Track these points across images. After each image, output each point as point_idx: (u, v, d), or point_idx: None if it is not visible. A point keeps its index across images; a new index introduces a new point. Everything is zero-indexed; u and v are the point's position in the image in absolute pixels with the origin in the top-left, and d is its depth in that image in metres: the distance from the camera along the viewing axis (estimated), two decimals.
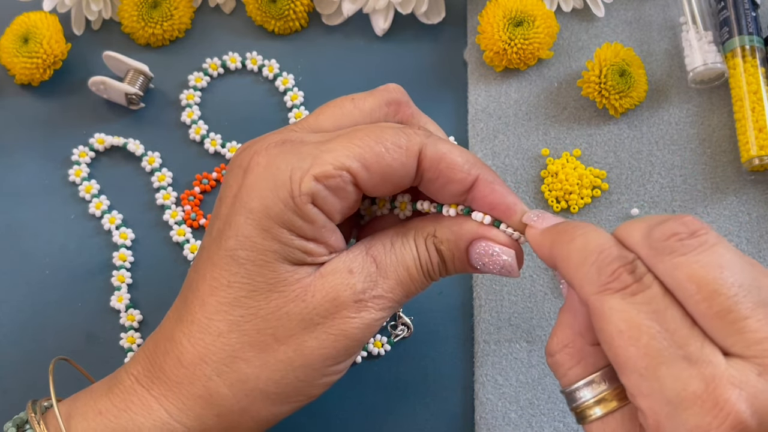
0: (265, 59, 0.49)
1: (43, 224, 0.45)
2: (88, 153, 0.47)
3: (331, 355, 0.31)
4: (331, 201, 0.30)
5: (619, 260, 0.27)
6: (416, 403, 0.41)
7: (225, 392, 0.30)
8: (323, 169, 0.30)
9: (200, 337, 0.31)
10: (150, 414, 0.30)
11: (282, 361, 0.30)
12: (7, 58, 0.47)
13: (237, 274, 0.30)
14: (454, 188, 0.31)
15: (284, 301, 0.30)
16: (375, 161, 0.30)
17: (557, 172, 0.44)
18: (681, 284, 0.26)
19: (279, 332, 0.30)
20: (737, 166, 0.44)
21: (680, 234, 0.26)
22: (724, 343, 0.25)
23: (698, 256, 0.26)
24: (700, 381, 0.24)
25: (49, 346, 0.42)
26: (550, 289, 0.42)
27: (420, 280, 0.32)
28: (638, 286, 0.26)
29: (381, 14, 0.48)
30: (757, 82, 0.43)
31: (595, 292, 0.27)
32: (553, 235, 0.30)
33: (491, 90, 0.47)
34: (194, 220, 0.45)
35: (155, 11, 0.48)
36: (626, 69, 0.44)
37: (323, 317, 0.30)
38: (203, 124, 0.47)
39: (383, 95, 0.34)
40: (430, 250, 0.32)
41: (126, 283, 0.43)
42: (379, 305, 0.31)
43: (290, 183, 0.30)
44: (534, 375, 0.40)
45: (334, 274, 0.31)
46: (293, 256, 0.30)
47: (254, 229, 0.30)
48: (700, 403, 0.24)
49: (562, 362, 0.29)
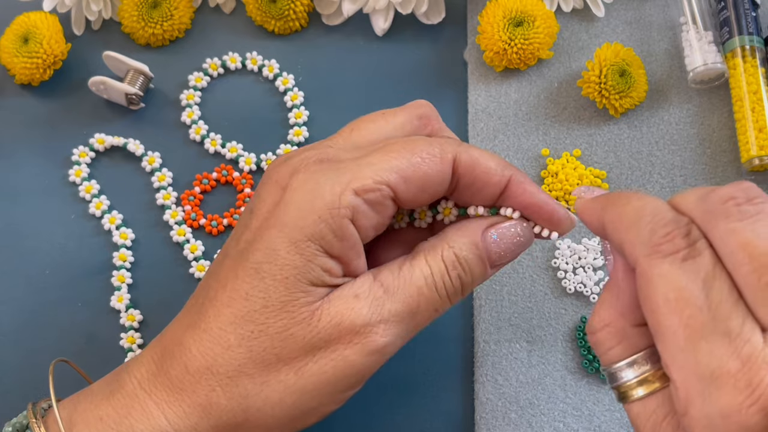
0: (265, 59, 0.49)
1: (43, 224, 0.45)
2: (88, 153, 0.47)
3: (330, 381, 0.30)
4: (369, 216, 0.31)
5: (673, 223, 0.26)
6: (416, 403, 0.41)
7: (224, 405, 0.30)
8: (363, 183, 0.30)
9: (210, 347, 0.31)
10: (150, 421, 0.30)
11: (282, 381, 0.30)
12: (7, 58, 0.47)
13: (256, 288, 0.30)
14: (489, 191, 0.32)
15: (292, 322, 0.30)
16: (413, 172, 0.31)
17: (557, 172, 0.44)
18: (732, 252, 0.25)
19: (283, 353, 0.30)
20: (737, 166, 0.44)
21: (738, 199, 0.26)
22: (765, 318, 0.24)
23: (754, 224, 0.25)
24: (737, 359, 0.24)
25: (49, 346, 0.42)
26: (550, 289, 0.42)
27: (432, 297, 0.32)
28: (690, 251, 0.25)
29: (381, 14, 0.48)
30: (757, 82, 0.43)
31: (646, 254, 0.26)
32: (606, 200, 0.29)
33: (491, 90, 0.47)
34: (194, 220, 0.45)
35: (155, 11, 0.48)
36: (626, 69, 0.44)
37: (326, 342, 0.30)
38: (203, 124, 0.47)
39: (414, 110, 0.34)
40: (447, 262, 0.32)
41: (126, 283, 0.43)
42: (384, 331, 0.31)
43: (330, 196, 0.30)
44: (534, 375, 0.40)
45: (340, 299, 0.31)
46: (312, 273, 0.30)
47: (282, 242, 0.30)
48: (734, 382, 0.24)
49: (603, 341, 0.29)
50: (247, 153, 0.46)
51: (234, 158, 0.46)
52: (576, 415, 0.39)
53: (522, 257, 0.42)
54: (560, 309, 0.41)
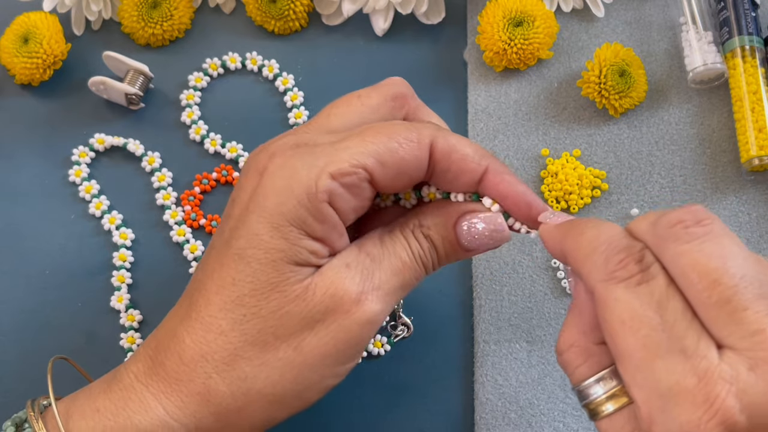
0: (265, 59, 0.49)
1: (43, 224, 0.45)
2: (88, 153, 0.47)
3: (330, 353, 0.31)
4: (346, 199, 0.31)
5: (626, 250, 0.27)
6: (416, 403, 0.41)
7: (223, 390, 0.30)
8: (339, 167, 0.30)
9: (202, 335, 0.31)
10: (148, 412, 0.30)
11: (281, 359, 0.30)
12: (7, 58, 0.47)
13: (242, 272, 0.30)
14: (465, 179, 0.32)
15: (285, 300, 0.30)
16: (389, 156, 0.31)
17: (557, 172, 0.44)
18: (684, 272, 0.26)
19: (279, 331, 0.30)
20: (737, 166, 0.44)
21: (686, 221, 0.26)
22: (720, 333, 0.25)
23: (702, 245, 0.26)
24: (693, 376, 0.24)
25: (49, 346, 0.42)
26: (550, 289, 0.42)
27: (414, 268, 0.32)
28: (644, 275, 0.26)
29: (381, 14, 0.48)
30: (756, 83, 0.43)
31: (601, 280, 0.27)
32: (566, 228, 0.30)
33: (491, 90, 0.47)
34: (194, 220, 0.45)
35: (155, 11, 0.48)
36: (626, 69, 0.44)
37: (323, 314, 0.30)
38: (203, 124, 0.47)
39: (388, 89, 0.34)
40: (419, 239, 0.33)
41: (126, 283, 0.43)
42: (377, 297, 0.31)
43: (307, 181, 0.30)
44: (534, 375, 0.40)
45: (332, 269, 0.31)
46: (299, 256, 0.30)
47: (264, 227, 0.30)
48: (691, 398, 0.24)
49: (570, 360, 0.29)
50: (247, 153, 0.46)
51: (234, 158, 0.46)
52: (576, 415, 0.39)
53: (522, 257, 0.43)
54: (560, 309, 0.41)
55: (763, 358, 0.24)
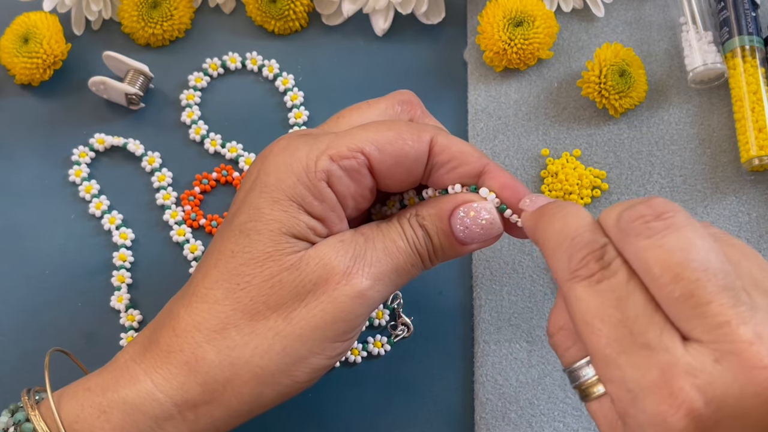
0: (265, 59, 0.49)
1: (43, 224, 0.45)
2: (88, 153, 0.47)
3: (319, 325, 0.31)
4: (345, 182, 0.32)
5: (588, 247, 0.27)
6: (416, 403, 0.41)
7: (211, 358, 0.30)
8: (339, 150, 0.32)
9: (197, 306, 0.31)
10: (136, 385, 0.31)
11: (271, 329, 0.31)
12: (7, 58, 0.47)
13: (241, 244, 0.31)
14: (465, 170, 0.33)
15: (279, 269, 0.31)
16: (388, 145, 0.32)
17: (557, 172, 0.44)
18: (646, 267, 0.26)
19: (271, 300, 0.31)
20: (737, 166, 0.44)
21: (646, 216, 0.26)
22: (686, 327, 0.25)
23: (663, 240, 0.26)
24: (657, 369, 0.25)
25: (49, 346, 0.42)
26: (550, 289, 0.42)
27: (408, 253, 0.33)
28: (603, 273, 0.26)
29: (381, 14, 0.48)
30: (756, 83, 0.43)
31: (565, 279, 0.27)
32: (537, 216, 0.31)
33: (491, 90, 0.47)
34: (194, 220, 0.45)
35: (155, 11, 0.48)
36: (626, 69, 0.44)
37: (314, 284, 0.31)
38: (203, 124, 0.47)
39: (396, 96, 0.36)
40: (414, 227, 0.33)
41: (126, 283, 0.43)
42: (367, 273, 0.31)
43: (306, 160, 0.31)
44: (534, 375, 0.40)
45: (326, 245, 0.32)
46: (297, 228, 0.31)
47: (265, 201, 0.31)
48: (657, 391, 0.24)
49: (560, 343, 0.30)
50: (247, 153, 0.46)
51: (234, 158, 0.46)
52: (576, 415, 0.39)
53: (522, 257, 0.43)
54: None
55: (728, 350, 0.24)
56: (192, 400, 0.31)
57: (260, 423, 0.35)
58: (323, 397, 0.41)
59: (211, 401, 0.31)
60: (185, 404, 0.31)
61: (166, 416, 0.30)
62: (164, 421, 0.30)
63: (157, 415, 0.30)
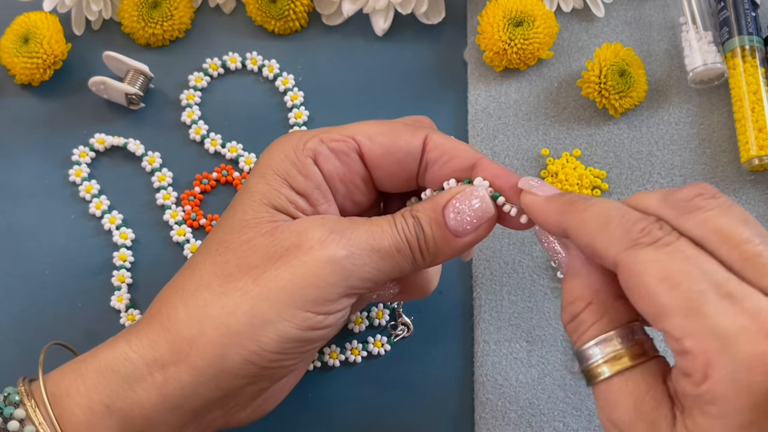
0: (265, 59, 0.49)
1: (43, 224, 0.45)
2: (88, 153, 0.47)
3: (286, 287, 0.31)
4: (332, 162, 0.34)
5: (644, 220, 0.28)
6: (416, 403, 0.41)
7: (182, 316, 0.31)
8: (330, 135, 0.34)
9: (181, 274, 0.33)
10: (112, 348, 0.32)
11: (240, 289, 0.31)
12: (7, 58, 0.47)
13: (226, 216, 0.33)
14: (459, 163, 0.34)
15: (255, 234, 0.32)
16: (380, 135, 0.34)
17: (557, 172, 0.44)
18: (709, 236, 0.27)
19: (244, 262, 0.32)
20: (737, 166, 0.44)
21: (704, 195, 0.28)
22: (759, 283, 0.26)
23: (723, 212, 0.27)
24: (747, 315, 0.25)
25: None
26: (550, 289, 0.42)
27: (394, 236, 0.32)
28: (670, 237, 0.27)
29: (381, 14, 0.48)
30: (756, 82, 0.43)
31: (623, 249, 0.27)
32: (563, 204, 0.31)
33: (491, 90, 0.47)
34: (194, 220, 0.45)
35: (155, 11, 0.48)
36: (626, 69, 0.44)
37: (286, 249, 0.31)
38: (203, 124, 0.47)
39: (412, 117, 0.37)
40: (405, 217, 0.33)
41: (126, 283, 0.43)
42: (343, 244, 0.31)
43: (297, 141, 0.33)
44: (534, 375, 0.40)
45: (307, 220, 0.33)
46: (277, 200, 0.33)
47: (253, 177, 0.33)
48: (753, 334, 0.25)
49: (584, 319, 0.30)
50: (247, 153, 0.46)
51: (234, 158, 0.46)
52: (576, 415, 0.39)
53: (522, 257, 0.43)
54: (560, 309, 0.41)
55: None
56: (161, 359, 0.31)
57: (260, 422, 0.35)
58: (323, 397, 0.41)
59: (178, 361, 0.31)
60: (155, 363, 0.31)
61: (137, 376, 0.31)
62: (135, 382, 0.31)
63: (129, 374, 0.31)
